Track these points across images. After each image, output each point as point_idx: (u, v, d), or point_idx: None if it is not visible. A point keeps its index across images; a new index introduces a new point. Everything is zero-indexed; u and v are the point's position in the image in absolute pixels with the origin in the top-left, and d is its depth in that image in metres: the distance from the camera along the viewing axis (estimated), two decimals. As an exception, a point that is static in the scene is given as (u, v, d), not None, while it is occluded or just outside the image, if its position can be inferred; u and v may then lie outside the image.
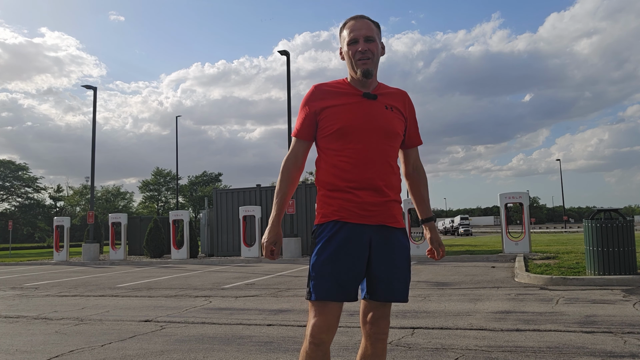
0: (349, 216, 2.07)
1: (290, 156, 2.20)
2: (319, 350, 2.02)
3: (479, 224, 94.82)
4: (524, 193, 15.59)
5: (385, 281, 2.10)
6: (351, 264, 2.04)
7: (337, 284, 2.02)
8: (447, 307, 6.20)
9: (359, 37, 2.13)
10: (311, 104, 2.17)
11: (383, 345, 2.14)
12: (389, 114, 2.16)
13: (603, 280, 7.88)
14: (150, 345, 4.64)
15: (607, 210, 8.59)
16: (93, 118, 22.52)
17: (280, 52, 19.00)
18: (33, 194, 62.74)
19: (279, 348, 4.34)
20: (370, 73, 2.14)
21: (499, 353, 3.94)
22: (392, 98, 2.22)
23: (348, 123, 2.10)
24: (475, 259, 14.09)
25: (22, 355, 4.42)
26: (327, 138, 2.14)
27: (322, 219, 2.12)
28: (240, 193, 20.57)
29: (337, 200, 2.10)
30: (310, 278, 2.07)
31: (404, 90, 2.30)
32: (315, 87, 2.20)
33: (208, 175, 77.42)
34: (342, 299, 2.04)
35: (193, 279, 11.42)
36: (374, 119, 2.12)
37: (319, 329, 2.01)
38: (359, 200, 2.08)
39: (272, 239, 2.15)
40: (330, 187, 2.13)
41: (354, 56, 2.14)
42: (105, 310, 6.90)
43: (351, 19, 2.20)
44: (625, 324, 4.86)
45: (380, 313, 2.14)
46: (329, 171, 2.13)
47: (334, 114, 2.12)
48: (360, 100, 2.14)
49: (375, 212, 2.09)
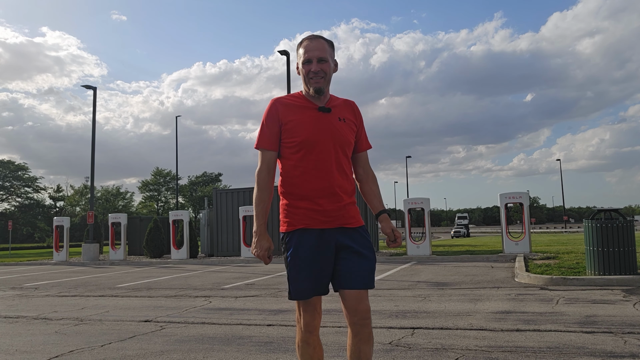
0: (314, 223, 2.30)
1: (263, 168, 2.37)
2: (312, 337, 2.36)
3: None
4: (524, 193, 15.59)
5: (355, 271, 2.31)
6: (321, 265, 2.30)
7: (311, 284, 2.30)
8: (447, 307, 6.19)
9: (312, 58, 2.32)
10: (274, 117, 2.35)
11: (368, 330, 2.30)
12: (343, 125, 2.38)
13: (603, 281, 7.88)
14: (150, 345, 4.64)
15: (608, 210, 8.58)
16: (93, 118, 22.55)
17: (280, 52, 19.00)
18: (33, 194, 62.77)
19: (279, 348, 4.34)
20: (322, 91, 2.34)
21: (499, 353, 3.94)
22: (343, 109, 2.43)
23: (309, 136, 2.30)
24: (476, 259, 14.09)
25: (22, 355, 4.42)
26: (288, 150, 2.34)
27: (288, 227, 2.34)
28: (240, 193, 20.56)
29: (300, 209, 2.31)
30: (289, 281, 2.35)
31: (352, 100, 2.52)
32: (276, 100, 2.40)
33: (208, 176, 77.45)
34: (317, 294, 2.34)
35: (193, 279, 11.42)
36: (330, 132, 2.33)
37: (311, 319, 2.35)
38: (320, 208, 2.30)
39: (266, 246, 2.32)
40: (292, 196, 2.34)
41: (307, 75, 2.33)
42: (105, 311, 6.90)
43: (307, 38, 2.38)
44: (625, 324, 4.86)
45: (357, 300, 2.30)
46: (290, 181, 2.34)
47: (295, 127, 2.32)
48: (317, 114, 2.35)
49: (335, 216, 2.31)
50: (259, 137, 2.38)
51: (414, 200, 16.50)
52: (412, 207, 16.47)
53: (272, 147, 2.36)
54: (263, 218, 2.33)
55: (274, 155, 2.38)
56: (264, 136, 2.36)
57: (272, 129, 2.35)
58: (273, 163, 2.38)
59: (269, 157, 2.36)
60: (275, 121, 2.34)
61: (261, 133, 2.37)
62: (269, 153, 2.36)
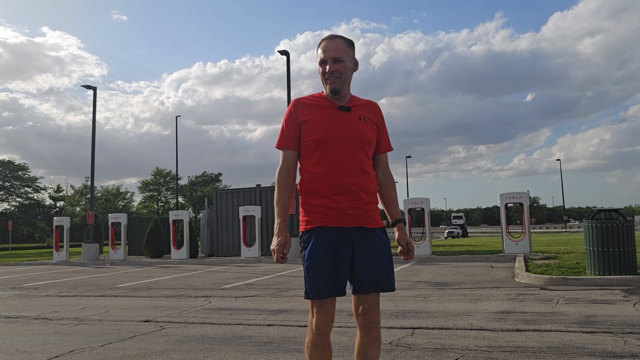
0: (331, 221, 2.30)
1: (283, 167, 2.39)
2: (323, 340, 2.31)
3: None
4: (524, 193, 15.59)
5: (370, 273, 2.31)
6: (338, 264, 2.28)
7: (328, 283, 2.27)
8: (447, 307, 6.19)
9: (327, 59, 2.35)
10: (293, 117, 2.39)
11: (377, 333, 2.36)
12: (363, 124, 2.38)
13: (603, 281, 7.88)
14: (150, 345, 4.64)
15: (607, 210, 8.58)
16: (93, 118, 22.54)
17: (280, 52, 18.99)
18: (33, 194, 62.76)
19: (279, 348, 4.34)
20: (337, 91, 2.36)
21: (499, 353, 3.93)
22: (364, 109, 2.44)
23: (326, 134, 2.32)
24: (476, 259, 14.09)
25: (22, 355, 4.42)
26: (307, 148, 2.36)
27: (307, 225, 2.35)
28: (240, 193, 20.56)
29: (318, 207, 2.32)
30: (306, 280, 2.31)
31: (374, 102, 2.53)
32: (296, 101, 2.43)
33: (208, 175, 77.47)
34: (334, 295, 2.29)
35: (193, 279, 11.42)
36: (349, 130, 2.34)
37: (324, 322, 2.30)
38: (337, 205, 2.30)
39: (283, 241, 2.30)
40: (310, 194, 2.34)
41: (323, 75, 2.37)
42: (105, 311, 6.90)
43: (325, 38, 2.40)
44: (625, 324, 4.86)
45: (370, 304, 2.35)
46: (309, 179, 2.35)
47: (312, 125, 2.34)
48: (336, 113, 2.36)
49: (353, 215, 2.31)
50: (279, 137, 2.41)
51: (414, 200, 16.50)
52: (412, 207, 16.45)
53: (292, 147, 2.39)
54: (283, 215, 2.34)
55: (294, 155, 2.40)
56: (283, 136, 2.40)
57: (291, 129, 2.38)
58: (293, 162, 2.40)
59: (289, 156, 2.39)
60: (294, 121, 2.38)
61: (281, 133, 2.41)
62: (289, 152, 2.39)
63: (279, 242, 2.29)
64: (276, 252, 2.28)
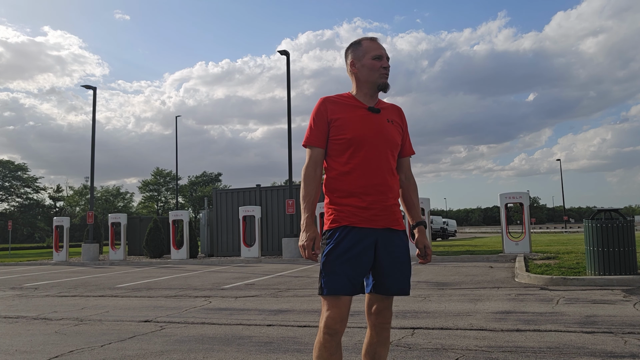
0: (359, 221, 2.29)
1: (310, 164, 2.38)
2: (333, 341, 2.23)
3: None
4: (524, 193, 15.59)
5: (392, 276, 2.33)
6: (359, 262, 2.26)
7: (346, 280, 2.23)
8: (447, 308, 6.19)
9: (383, 56, 2.41)
10: (323, 114, 2.38)
11: (387, 334, 2.38)
12: (391, 126, 2.41)
13: (603, 281, 7.88)
14: (150, 345, 4.64)
15: (608, 210, 8.58)
16: (93, 118, 22.52)
17: (280, 52, 18.97)
18: (32, 194, 62.76)
19: (279, 348, 4.34)
20: (388, 87, 2.41)
21: (499, 353, 3.93)
22: (391, 112, 2.48)
23: (358, 133, 2.32)
24: (476, 259, 14.09)
25: (22, 355, 4.41)
26: (337, 147, 2.35)
27: (332, 224, 2.33)
28: (240, 193, 20.57)
29: (346, 207, 2.31)
30: (322, 275, 2.27)
31: (399, 106, 2.56)
32: (325, 98, 2.42)
33: (208, 175, 77.50)
34: (351, 293, 2.25)
35: (193, 279, 11.42)
36: (380, 131, 2.36)
37: (333, 320, 2.22)
38: (366, 205, 2.30)
39: (312, 236, 2.27)
40: (340, 193, 2.34)
41: (378, 70, 2.38)
42: (105, 311, 6.90)
43: (368, 39, 2.46)
44: (625, 324, 4.86)
45: (385, 305, 2.38)
46: (338, 178, 2.35)
47: (344, 124, 2.34)
48: (367, 114, 2.38)
49: (381, 216, 2.32)
50: (307, 135, 2.40)
51: (414, 200, 16.48)
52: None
53: (320, 145, 2.38)
54: (310, 211, 2.31)
55: (321, 153, 2.39)
56: (312, 134, 2.38)
57: (320, 127, 2.37)
58: (320, 160, 2.39)
59: (316, 154, 2.38)
60: (324, 119, 2.37)
61: (309, 131, 2.39)
62: (317, 150, 2.38)
63: (309, 237, 2.26)
64: (306, 247, 2.24)
